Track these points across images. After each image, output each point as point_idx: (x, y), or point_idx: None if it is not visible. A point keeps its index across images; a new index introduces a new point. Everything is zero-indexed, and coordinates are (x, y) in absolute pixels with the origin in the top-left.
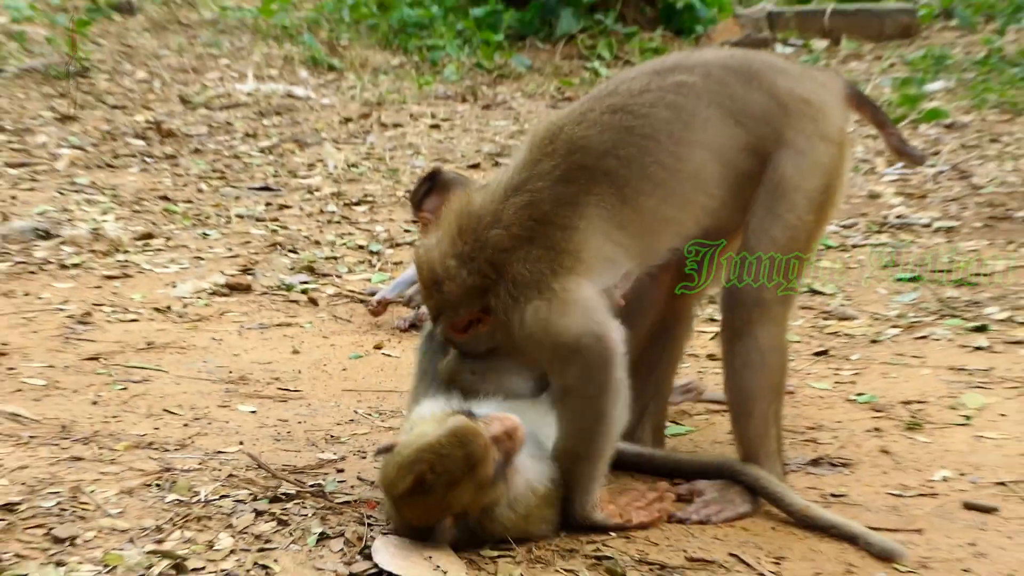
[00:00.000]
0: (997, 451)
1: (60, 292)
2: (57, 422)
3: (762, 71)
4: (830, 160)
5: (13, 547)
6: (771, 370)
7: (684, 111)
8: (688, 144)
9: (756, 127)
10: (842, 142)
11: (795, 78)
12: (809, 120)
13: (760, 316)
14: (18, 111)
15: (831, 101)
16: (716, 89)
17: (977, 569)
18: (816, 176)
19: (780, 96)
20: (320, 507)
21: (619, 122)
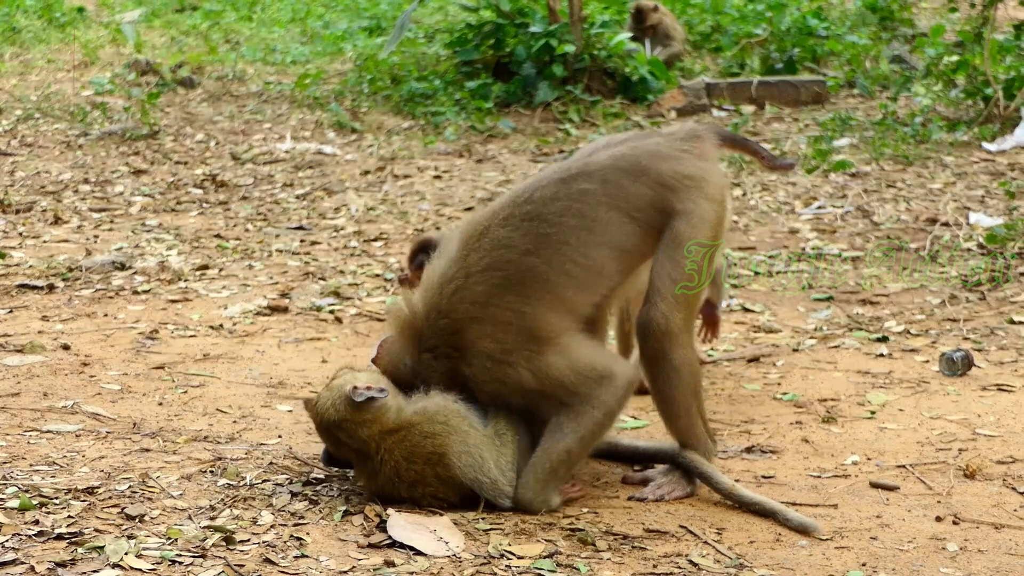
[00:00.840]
0: (897, 439)
1: (133, 313)
2: (129, 420)
3: (648, 165)
4: (714, 215)
5: (93, 523)
6: (686, 381)
7: (587, 218)
8: (594, 245)
9: (648, 218)
10: (722, 200)
11: (677, 159)
12: (694, 190)
13: (670, 343)
14: (100, 166)
15: (708, 168)
16: (613, 193)
17: (882, 537)
18: (704, 228)
19: (666, 180)
20: (344, 489)
21: (536, 228)
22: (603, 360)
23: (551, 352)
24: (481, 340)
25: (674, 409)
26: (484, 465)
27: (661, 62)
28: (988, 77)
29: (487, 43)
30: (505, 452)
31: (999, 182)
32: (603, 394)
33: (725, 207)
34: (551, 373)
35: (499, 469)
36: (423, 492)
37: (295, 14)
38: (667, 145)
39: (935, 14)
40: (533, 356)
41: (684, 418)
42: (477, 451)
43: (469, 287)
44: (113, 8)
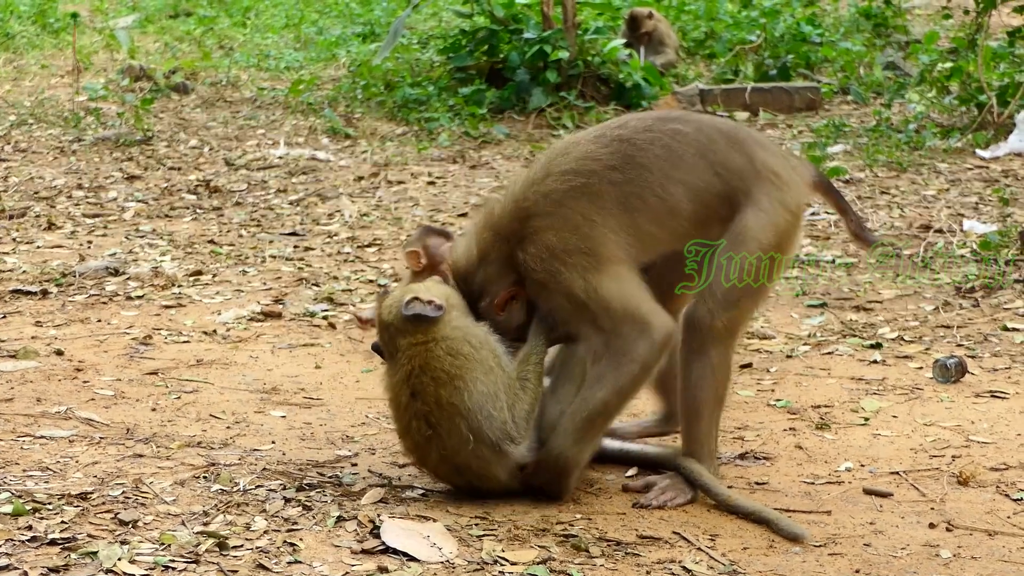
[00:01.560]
0: (891, 446)
1: (126, 319)
2: (123, 425)
3: (746, 140)
4: (785, 225)
5: (86, 528)
6: (718, 384)
7: (674, 153)
8: (673, 181)
9: (731, 180)
10: (798, 215)
11: (772, 154)
12: (775, 188)
13: (712, 340)
14: (94, 172)
15: (797, 180)
16: (704, 142)
17: (876, 543)
18: (771, 233)
19: (756, 163)
20: (338, 495)
21: (623, 149)
22: (649, 307)
23: (607, 273)
24: (545, 232)
25: (697, 409)
26: (497, 402)
27: (655, 68)
28: (982, 84)
29: (481, 49)
30: (523, 399)
31: (993, 189)
32: (640, 346)
33: (798, 222)
34: (601, 292)
35: (511, 412)
36: (418, 409)
37: (289, 20)
38: (772, 144)
39: (929, 21)
40: (590, 268)
41: (704, 421)
42: (494, 387)
43: (548, 183)
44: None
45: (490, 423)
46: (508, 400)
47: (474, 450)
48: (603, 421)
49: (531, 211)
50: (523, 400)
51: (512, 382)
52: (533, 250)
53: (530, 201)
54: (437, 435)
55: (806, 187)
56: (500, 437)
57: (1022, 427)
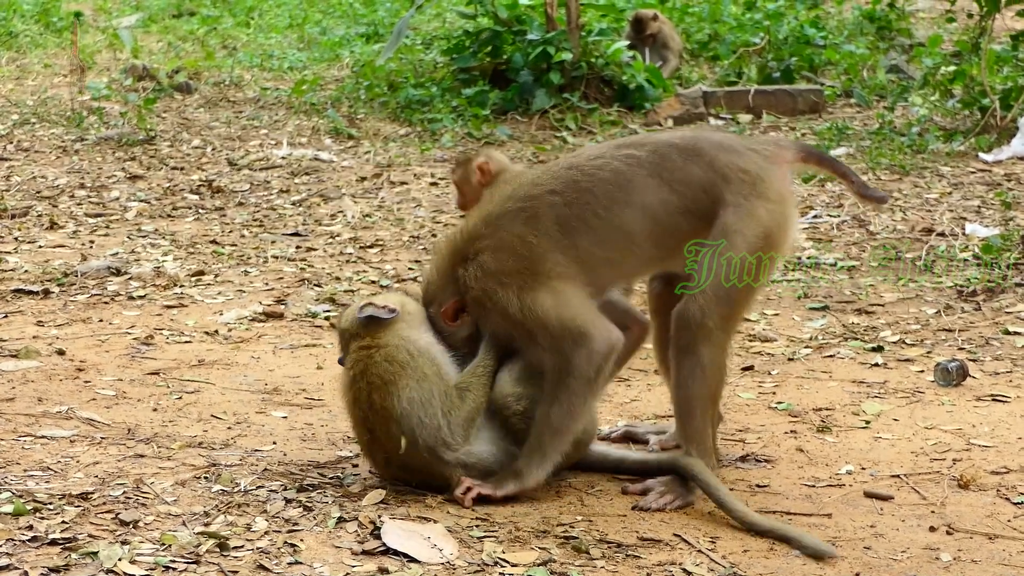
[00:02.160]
0: (892, 449)
1: (128, 319)
2: (124, 425)
3: (706, 149)
4: (768, 215)
5: (87, 529)
6: (709, 382)
7: (623, 176)
8: (620, 203)
9: (694, 197)
10: (781, 200)
11: (738, 153)
12: (748, 185)
13: (703, 338)
14: (96, 172)
15: (771, 170)
16: (657, 162)
17: (876, 547)
18: (753, 224)
19: (720, 168)
20: (339, 496)
21: (570, 175)
22: (587, 318)
23: (543, 290)
24: (483, 253)
25: (689, 406)
26: (429, 409)
27: (658, 70)
28: (985, 87)
29: (484, 50)
30: (461, 408)
31: (995, 192)
32: (579, 359)
33: (784, 213)
34: (535, 309)
35: (446, 419)
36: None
37: (292, 20)
38: (734, 140)
39: (932, 24)
40: (524, 287)
41: (697, 419)
42: (428, 394)
43: (491, 208)
44: (110, 13)
45: (422, 428)
46: (443, 407)
47: (410, 452)
48: (561, 440)
49: (475, 233)
50: (460, 408)
51: (449, 390)
52: (471, 269)
53: (477, 225)
54: (375, 438)
55: (784, 168)
56: (434, 443)
57: (1023, 431)
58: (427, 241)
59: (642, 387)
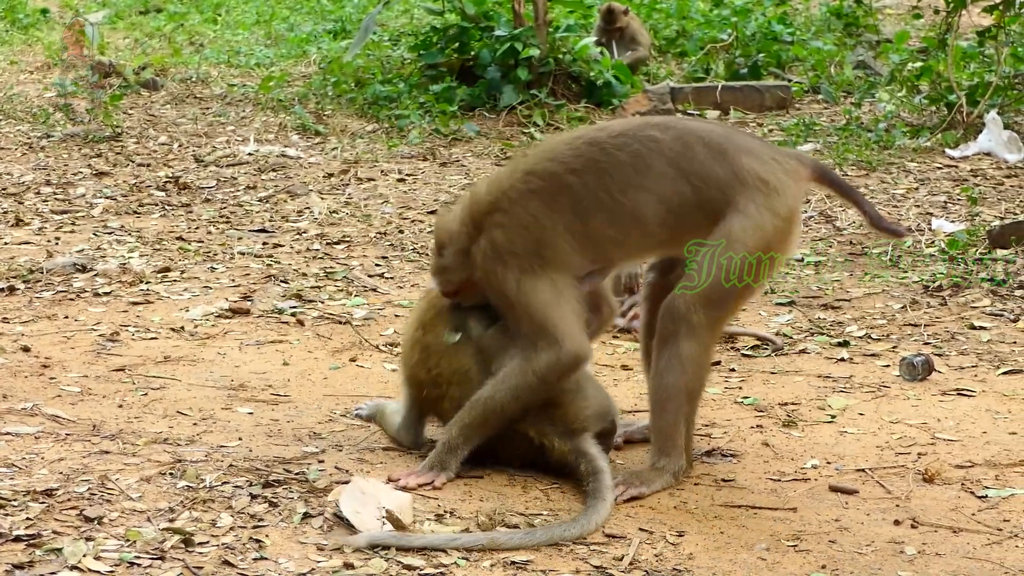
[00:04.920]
0: (857, 443)
1: (94, 315)
2: (89, 422)
3: (731, 150)
4: (773, 230)
5: (51, 525)
6: (687, 378)
7: (642, 160)
8: (635, 186)
9: (707, 191)
10: (790, 219)
11: (761, 160)
12: (762, 195)
13: (685, 332)
14: (62, 168)
15: (788, 184)
16: (679, 151)
17: (841, 541)
18: (757, 237)
19: (740, 172)
20: (304, 491)
21: (590, 152)
22: (568, 326)
23: (542, 279)
24: (497, 228)
25: (663, 401)
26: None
27: (626, 66)
28: (952, 83)
29: (452, 46)
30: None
31: (961, 188)
32: (543, 360)
33: (789, 231)
34: (529, 297)
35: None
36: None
37: (260, 16)
38: (760, 146)
39: (899, 20)
40: (527, 270)
41: (670, 414)
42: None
43: (511, 180)
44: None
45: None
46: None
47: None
48: (496, 420)
49: (493, 206)
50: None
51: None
52: (483, 244)
53: (494, 195)
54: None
55: (801, 186)
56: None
57: (987, 425)
58: (394, 237)
59: (608, 381)
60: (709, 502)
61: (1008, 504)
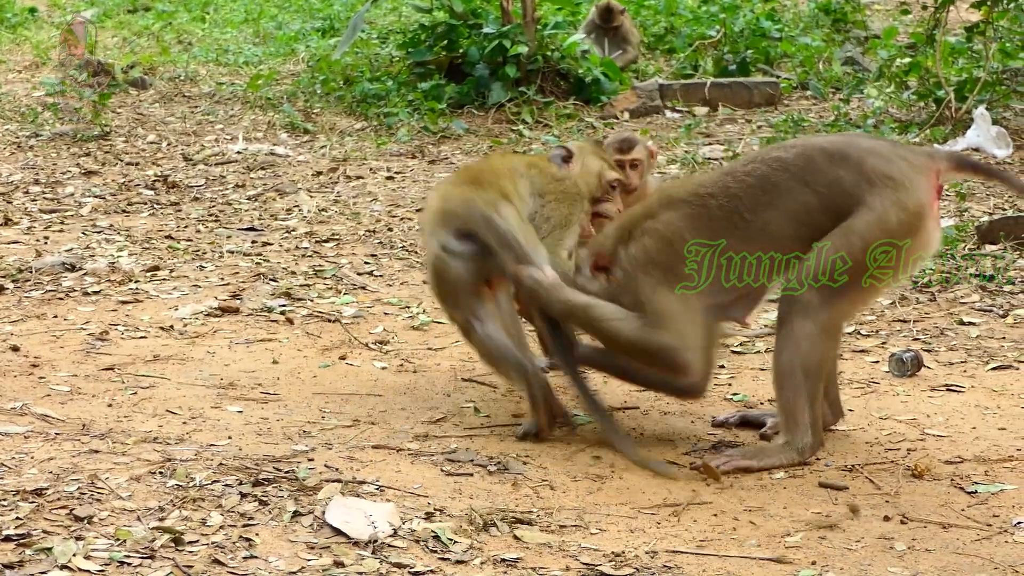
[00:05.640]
0: (845, 440)
1: (83, 314)
2: (79, 421)
3: (854, 155)
4: (898, 224)
5: (41, 524)
6: (801, 356)
7: (768, 180)
8: (763, 205)
9: (833, 197)
10: (920, 214)
11: (886, 159)
12: (890, 191)
13: (798, 312)
14: (51, 167)
15: (917, 180)
16: (802, 165)
17: (831, 537)
18: (878, 229)
19: (866, 173)
20: (294, 490)
21: (725, 181)
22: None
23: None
24: (646, 236)
25: (780, 379)
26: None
27: (614, 63)
28: (940, 79)
29: (440, 44)
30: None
31: (950, 184)
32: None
33: (919, 222)
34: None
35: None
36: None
37: (248, 15)
38: (885, 146)
39: (888, 16)
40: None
41: (788, 391)
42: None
43: (669, 197)
44: (65, 9)
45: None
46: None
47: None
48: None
49: (648, 214)
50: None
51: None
52: (632, 248)
53: (653, 207)
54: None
55: (931, 179)
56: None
57: (977, 420)
58: (383, 235)
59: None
60: (698, 499)
61: (997, 499)
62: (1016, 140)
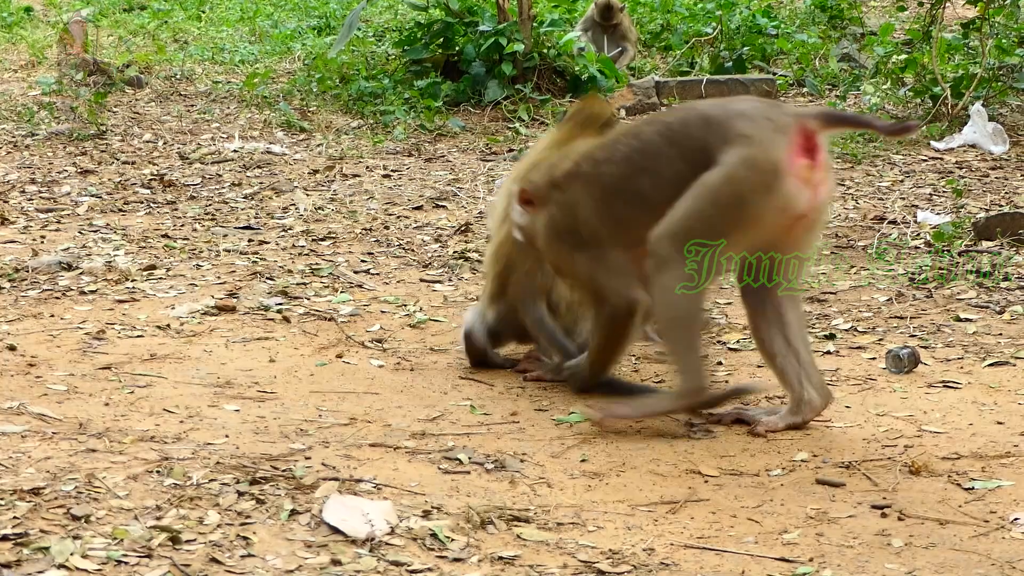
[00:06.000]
0: (843, 437)
1: (80, 314)
2: (76, 420)
3: (724, 118)
4: (748, 182)
5: (38, 524)
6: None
7: (650, 146)
8: (641, 170)
9: (698, 161)
10: (773, 171)
11: (750, 119)
12: (742, 148)
13: (656, 267)
14: (47, 167)
15: (774, 138)
16: (678, 129)
17: (828, 533)
18: (728, 184)
19: (727, 134)
20: (291, 488)
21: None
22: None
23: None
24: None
25: (661, 335)
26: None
27: (610, 60)
28: (936, 76)
29: (436, 42)
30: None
31: (946, 180)
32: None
33: (769, 186)
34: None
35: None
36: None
37: (244, 13)
38: (759, 108)
39: (884, 13)
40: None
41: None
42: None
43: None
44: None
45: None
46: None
47: None
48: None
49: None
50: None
51: None
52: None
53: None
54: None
55: (796, 136)
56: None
57: (974, 417)
58: (379, 233)
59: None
60: (695, 496)
61: (995, 496)
62: (1012, 136)
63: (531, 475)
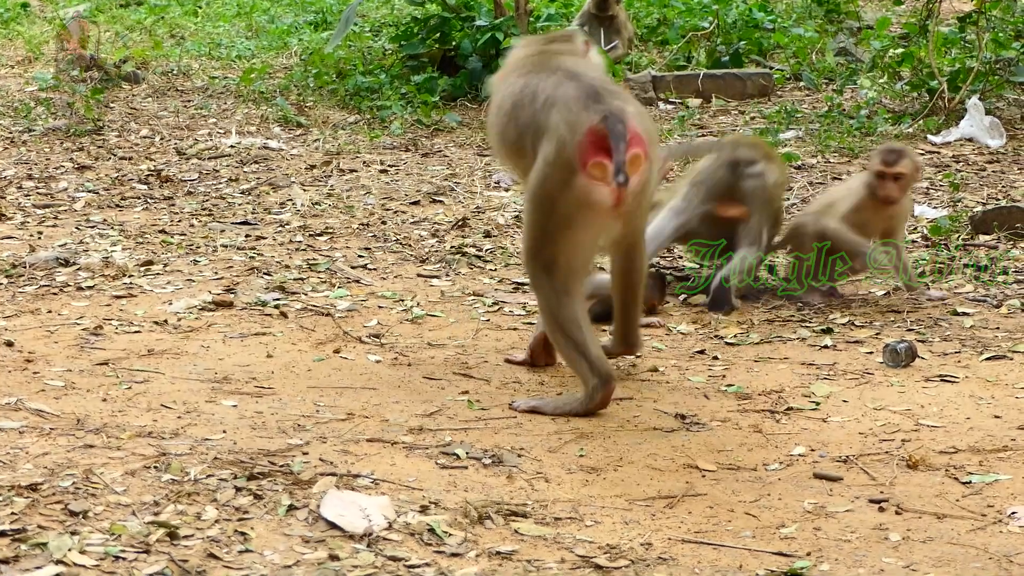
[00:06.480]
0: (841, 431)
1: (77, 309)
2: (73, 416)
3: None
4: (547, 178)
5: (36, 520)
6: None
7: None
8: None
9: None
10: (567, 168)
11: (565, 109)
12: (549, 143)
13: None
14: (44, 162)
15: (566, 135)
16: (525, 99)
17: (825, 527)
18: (537, 181)
19: (548, 122)
20: (289, 483)
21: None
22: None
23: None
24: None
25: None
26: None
27: (606, 53)
28: (933, 69)
29: (433, 37)
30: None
31: (943, 174)
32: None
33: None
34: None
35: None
36: None
37: (240, 9)
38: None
39: (881, 7)
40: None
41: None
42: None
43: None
44: (57, 3)
45: None
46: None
47: None
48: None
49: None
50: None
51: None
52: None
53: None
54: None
55: (581, 135)
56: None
57: (971, 411)
58: (376, 228)
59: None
60: (692, 490)
61: (992, 490)
62: (1009, 130)
63: (528, 470)
